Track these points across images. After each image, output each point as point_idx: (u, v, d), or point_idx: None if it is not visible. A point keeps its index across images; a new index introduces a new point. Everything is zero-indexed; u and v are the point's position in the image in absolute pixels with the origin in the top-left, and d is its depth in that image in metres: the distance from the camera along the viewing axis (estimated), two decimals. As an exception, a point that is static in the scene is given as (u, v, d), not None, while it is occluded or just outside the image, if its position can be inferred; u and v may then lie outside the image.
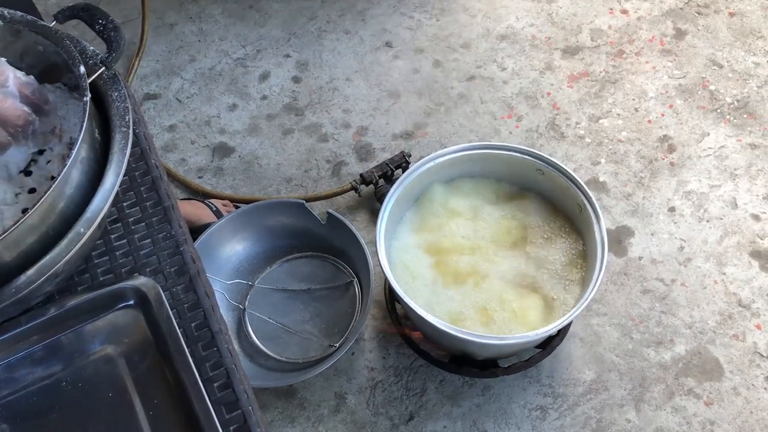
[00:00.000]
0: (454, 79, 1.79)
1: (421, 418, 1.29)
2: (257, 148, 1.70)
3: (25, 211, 0.66)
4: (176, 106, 1.79)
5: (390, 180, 1.53)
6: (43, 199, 0.56)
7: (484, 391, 1.32)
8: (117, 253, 0.67)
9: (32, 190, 0.67)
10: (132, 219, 0.70)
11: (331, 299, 1.39)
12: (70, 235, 0.58)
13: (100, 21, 0.66)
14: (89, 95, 0.61)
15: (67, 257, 0.58)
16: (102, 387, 0.60)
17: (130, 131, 0.63)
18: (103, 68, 0.65)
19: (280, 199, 1.49)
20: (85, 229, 0.59)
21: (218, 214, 1.50)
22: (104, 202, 0.60)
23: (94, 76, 0.64)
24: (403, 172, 1.39)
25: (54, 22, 0.68)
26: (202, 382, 0.58)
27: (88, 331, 0.62)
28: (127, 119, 0.64)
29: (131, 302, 0.63)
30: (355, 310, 1.36)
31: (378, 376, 1.35)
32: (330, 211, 1.36)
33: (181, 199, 1.57)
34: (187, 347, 0.60)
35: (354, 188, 1.53)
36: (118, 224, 0.69)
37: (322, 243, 1.42)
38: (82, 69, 0.62)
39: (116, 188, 0.61)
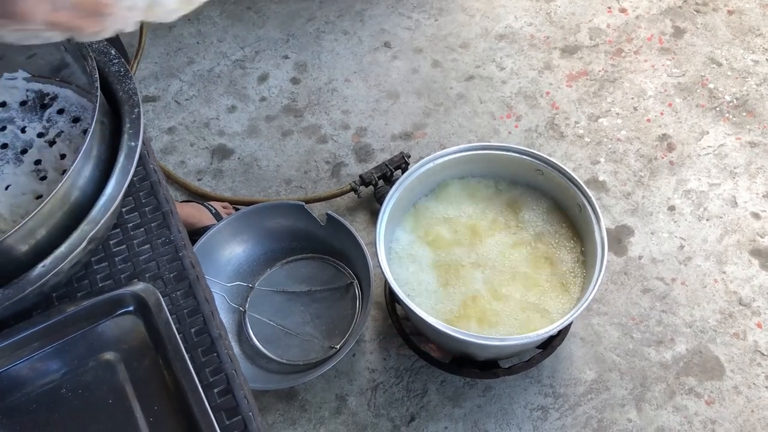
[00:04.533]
0: (452, 79, 1.79)
1: (422, 419, 1.29)
2: (256, 150, 1.70)
3: (39, 197, 0.66)
4: (175, 109, 1.79)
5: (389, 181, 1.53)
6: (60, 186, 0.56)
7: (485, 392, 1.32)
8: (116, 258, 0.67)
9: (43, 178, 0.68)
10: (131, 224, 0.69)
11: (332, 301, 1.39)
12: (85, 223, 0.58)
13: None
14: (98, 82, 0.61)
15: (84, 242, 0.58)
16: (102, 393, 0.60)
17: (141, 120, 0.63)
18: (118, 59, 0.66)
19: (280, 201, 1.49)
20: (102, 214, 0.59)
21: (218, 216, 1.50)
22: (119, 189, 0.60)
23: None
24: (402, 173, 1.39)
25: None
26: (202, 387, 0.58)
27: (88, 338, 0.62)
28: (136, 110, 0.64)
29: (131, 308, 0.63)
30: (355, 311, 1.36)
31: (379, 377, 1.35)
32: (329, 212, 1.36)
33: (181, 201, 1.57)
34: (187, 353, 0.60)
35: (353, 189, 1.53)
36: (117, 229, 0.69)
37: (321, 245, 1.42)
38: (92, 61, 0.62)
39: (132, 173, 0.61)
